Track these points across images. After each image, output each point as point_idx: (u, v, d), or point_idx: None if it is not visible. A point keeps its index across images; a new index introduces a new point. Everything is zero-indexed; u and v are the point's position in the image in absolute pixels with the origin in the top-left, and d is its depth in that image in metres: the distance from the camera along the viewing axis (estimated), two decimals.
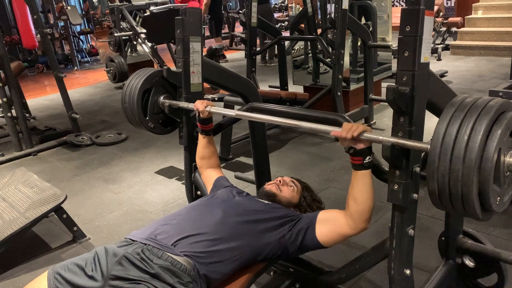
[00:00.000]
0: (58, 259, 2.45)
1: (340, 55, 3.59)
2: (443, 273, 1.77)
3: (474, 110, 1.06)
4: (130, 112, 2.02)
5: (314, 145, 3.82)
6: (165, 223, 1.57)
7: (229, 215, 1.58)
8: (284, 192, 1.76)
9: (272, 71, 6.83)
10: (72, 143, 4.30)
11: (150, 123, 2.05)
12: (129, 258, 1.40)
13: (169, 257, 1.41)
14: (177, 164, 3.68)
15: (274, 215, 1.61)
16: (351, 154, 1.42)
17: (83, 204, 3.09)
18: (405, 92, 1.24)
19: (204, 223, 1.54)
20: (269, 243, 1.54)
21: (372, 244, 2.27)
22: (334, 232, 1.54)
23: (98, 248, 1.49)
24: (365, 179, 1.44)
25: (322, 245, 1.57)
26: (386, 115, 4.40)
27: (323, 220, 1.58)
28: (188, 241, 1.47)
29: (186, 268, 1.41)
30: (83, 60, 10.28)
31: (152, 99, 2.03)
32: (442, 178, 1.07)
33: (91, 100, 6.42)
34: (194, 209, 1.65)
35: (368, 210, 1.47)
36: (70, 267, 1.42)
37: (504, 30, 6.54)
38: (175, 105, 1.99)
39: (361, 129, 1.35)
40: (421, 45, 1.25)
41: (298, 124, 1.54)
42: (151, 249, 1.44)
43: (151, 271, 1.37)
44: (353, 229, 1.49)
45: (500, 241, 2.23)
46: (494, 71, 5.69)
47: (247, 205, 1.66)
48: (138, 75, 2.02)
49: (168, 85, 2.08)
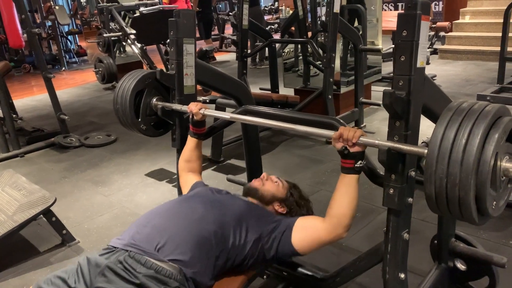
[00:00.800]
0: (46, 263, 2.41)
1: (332, 59, 3.60)
2: (435, 276, 1.78)
3: (472, 114, 1.07)
4: (122, 113, 1.99)
5: (305, 147, 3.83)
6: (144, 224, 1.52)
7: (210, 213, 1.54)
8: (267, 185, 1.73)
9: (262, 73, 6.83)
10: (61, 144, 4.25)
11: (142, 125, 2.03)
12: (112, 269, 1.37)
13: (153, 264, 1.38)
14: (167, 167, 3.65)
15: (255, 213, 1.59)
16: (343, 156, 1.41)
17: (72, 207, 3.05)
18: (401, 96, 1.25)
19: (184, 222, 1.50)
20: (249, 241, 1.51)
21: (364, 247, 2.30)
22: (310, 237, 1.52)
23: (80, 259, 1.46)
24: (352, 184, 1.43)
25: (297, 251, 1.54)
26: (376, 118, 4.43)
27: (300, 225, 1.55)
28: (171, 244, 1.43)
29: (172, 273, 1.38)
30: (71, 61, 10.16)
31: (144, 101, 2.02)
32: (439, 181, 1.07)
33: (80, 101, 6.35)
34: (173, 208, 1.60)
35: (349, 216, 1.45)
36: (53, 280, 1.39)
37: (491, 35, 6.63)
38: (168, 107, 1.97)
39: (359, 133, 1.35)
40: (418, 50, 1.25)
41: (293, 128, 1.54)
42: (133, 256, 1.40)
43: (135, 281, 1.34)
44: (329, 233, 1.47)
45: (490, 244, 2.25)
46: (481, 75, 5.76)
47: (226, 202, 1.63)
48: (131, 76, 2.00)
49: (161, 87, 2.06)
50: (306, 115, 1.66)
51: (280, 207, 1.70)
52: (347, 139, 1.36)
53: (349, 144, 1.37)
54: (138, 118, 2.02)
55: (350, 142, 1.36)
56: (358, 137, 1.35)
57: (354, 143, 1.36)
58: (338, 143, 1.39)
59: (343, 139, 1.37)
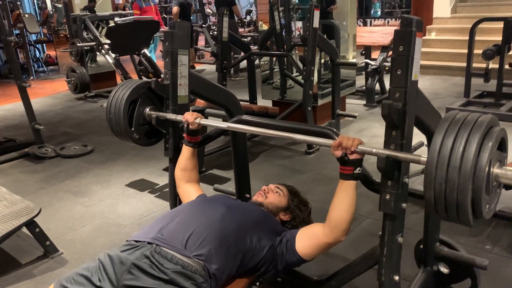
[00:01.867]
0: (30, 275, 2.35)
1: (311, 71, 3.71)
2: (422, 280, 1.87)
3: (467, 124, 1.16)
4: (115, 122, 2.00)
5: (285, 158, 3.90)
6: (168, 221, 1.57)
7: (231, 213, 1.61)
8: (270, 198, 1.82)
9: (238, 84, 6.90)
10: (35, 155, 4.15)
11: (135, 134, 2.04)
12: (139, 266, 1.39)
13: (179, 260, 1.42)
14: (148, 177, 3.63)
15: (270, 222, 1.67)
16: (343, 164, 1.48)
17: (53, 218, 2.98)
18: (398, 107, 1.33)
19: (207, 220, 1.56)
20: (264, 246, 1.59)
21: (350, 253, 2.38)
22: (312, 243, 1.60)
23: (100, 255, 1.47)
24: (350, 190, 1.50)
25: (302, 258, 1.62)
26: (351, 129, 4.56)
27: (303, 233, 1.64)
28: (197, 241, 1.48)
29: (197, 269, 1.42)
30: (39, 70, 9.92)
31: (138, 110, 2.02)
32: (439, 186, 1.15)
33: (52, 111, 6.21)
34: (196, 208, 1.66)
35: (347, 221, 1.53)
36: (76, 278, 1.39)
37: (455, 52, 6.97)
38: (162, 117, 1.99)
39: (358, 142, 1.42)
40: (413, 64, 1.34)
41: (291, 137, 1.60)
42: (160, 251, 1.43)
43: (164, 278, 1.37)
44: (329, 238, 1.55)
45: (468, 249, 2.36)
46: (448, 89, 6.04)
47: (246, 207, 1.71)
48: (125, 85, 2.01)
49: (154, 96, 2.08)
50: (302, 125, 1.72)
51: (285, 216, 1.79)
52: (346, 147, 1.43)
53: (348, 152, 1.44)
54: (131, 127, 2.02)
55: (349, 150, 1.43)
56: (357, 145, 1.43)
57: (353, 151, 1.43)
58: (337, 151, 1.46)
59: (343, 147, 1.44)
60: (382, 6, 11.40)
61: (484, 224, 2.58)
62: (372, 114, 5.10)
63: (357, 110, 5.15)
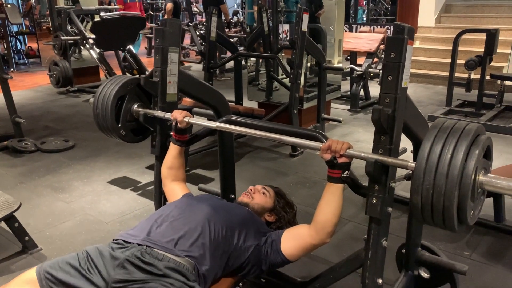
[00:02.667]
0: (7, 271, 2.30)
1: (298, 75, 3.73)
2: (403, 284, 1.89)
3: (455, 132, 1.19)
4: (102, 118, 1.97)
5: (270, 160, 3.91)
6: (157, 223, 1.56)
7: (218, 214, 1.61)
8: (256, 199, 1.82)
9: (223, 85, 6.88)
10: (15, 148, 4.05)
11: (121, 131, 2.02)
12: (132, 262, 1.38)
13: (171, 259, 1.42)
14: (130, 175, 3.59)
15: (255, 222, 1.67)
16: (331, 167, 1.50)
17: (31, 213, 2.92)
18: (388, 113, 1.35)
19: (197, 221, 1.56)
20: (249, 246, 1.59)
21: (332, 256, 2.39)
22: (297, 244, 1.61)
23: (88, 248, 1.45)
24: (337, 193, 1.52)
25: (287, 258, 1.63)
26: (335, 133, 4.60)
27: (288, 234, 1.65)
28: (187, 241, 1.48)
29: (189, 268, 1.43)
30: (20, 62, 9.71)
31: (125, 107, 2.01)
32: (426, 192, 1.17)
33: (32, 104, 6.09)
34: (184, 209, 1.65)
35: (333, 223, 1.55)
36: (62, 266, 1.37)
37: (438, 61, 7.10)
38: (150, 114, 1.98)
39: (346, 145, 1.44)
40: (403, 71, 1.37)
41: (281, 139, 1.61)
42: (150, 252, 1.43)
43: (158, 273, 1.37)
44: (314, 239, 1.57)
45: (447, 254, 2.41)
46: (430, 97, 6.15)
47: (232, 208, 1.72)
48: (113, 81, 1.99)
49: (142, 93, 2.06)
50: (291, 127, 1.73)
51: (270, 216, 1.80)
52: (335, 150, 1.45)
53: (337, 155, 1.45)
54: (118, 124, 2.00)
55: (338, 154, 1.45)
56: (346, 149, 1.44)
57: (342, 155, 1.44)
58: (326, 154, 1.47)
59: (332, 150, 1.45)
60: (368, 13, 11.53)
61: (463, 231, 2.63)
62: (356, 119, 5.16)
63: (342, 115, 5.20)
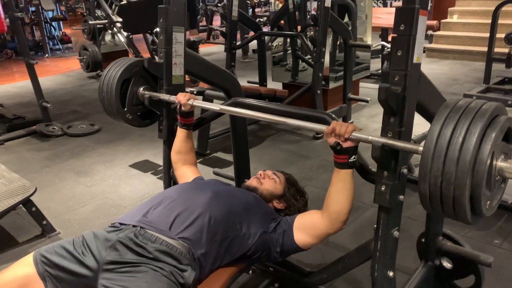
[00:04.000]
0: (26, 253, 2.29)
1: (321, 53, 3.57)
2: (422, 274, 1.78)
3: (469, 113, 1.05)
4: (107, 102, 1.93)
5: (292, 143, 3.80)
6: (154, 205, 1.53)
7: (220, 198, 1.55)
8: (265, 184, 1.74)
9: (249, 66, 6.78)
10: (42, 133, 4.14)
11: (128, 115, 1.97)
12: (124, 243, 1.36)
13: (163, 241, 1.38)
14: (152, 158, 3.59)
15: (261, 208, 1.60)
16: (336, 152, 1.38)
17: (53, 197, 2.97)
18: (396, 92, 1.22)
19: (194, 204, 1.51)
20: (254, 234, 1.52)
21: (350, 244, 2.29)
22: (311, 234, 1.53)
23: (84, 233, 1.44)
24: (347, 179, 1.41)
25: (301, 247, 1.55)
26: (363, 114, 4.42)
27: (300, 222, 1.56)
28: (182, 223, 1.44)
29: (182, 251, 1.38)
30: (55, 48, 9.93)
31: (131, 90, 1.95)
32: (434, 179, 1.05)
33: (63, 89, 6.21)
34: (184, 191, 1.60)
35: (347, 211, 1.45)
36: (57, 250, 1.36)
37: (478, 36, 6.69)
38: (156, 97, 1.92)
39: (351, 128, 1.32)
40: (415, 45, 1.23)
41: (284, 121, 1.51)
42: (144, 234, 1.40)
43: (149, 256, 1.34)
44: (329, 229, 1.48)
45: (475, 243, 2.26)
46: (468, 75, 5.81)
47: (236, 193, 1.65)
48: (118, 64, 1.94)
49: (149, 76, 2.00)
50: (297, 109, 1.62)
51: (278, 204, 1.72)
52: (339, 134, 1.34)
53: (341, 140, 1.34)
54: (124, 108, 1.95)
55: (342, 138, 1.34)
56: (351, 132, 1.33)
57: (347, 138, 1.33)
58: (331, 138, 1.36)
59: (335, 134, 1.34)
60: None
61: (494, 218, 2.46)
62: None
63: (371, 94, 4.99)
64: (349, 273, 1.70)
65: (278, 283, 1.81)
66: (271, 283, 1.83)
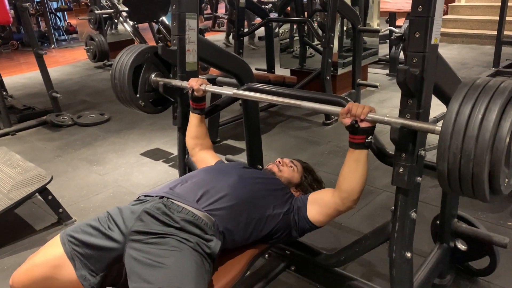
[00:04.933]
0: (43, 241, 2.37)
1: (331, 39, 3.56)
2: (437, 256, 1.79)
3: (488, 90, 1.05)
4: (120, 88, 1.94)
5: (302, 129, 3.81)
6: (182, 182, 1.55)
7: (244, 179, 1.57)
8: (284, 172, 1.75)
9: (257, 53, 6.76)
10: (53, 123, 4.17)
11: (140, 101, 1.98)
12: (150, 213, 1.37)
13: (189, 212, 1.40)
14: (163, 146, 3.61)
15: (282, 190, 1.62)
16: (353, 132, 1.39)
17: (67, 186, 3.00)
18: (415, 73, 1.22)
19: (221, 183, 1.53)
20: (278, 214, 1.54)
21: (363, 227, 2.31)
22: (323, 211, 1.54)
23: (110, 209, 1.45)
24: (362, 159, 1.41)
25: (314, 224, 1.57)
26: (372, 100, 4.41)
27: (313, 200, 1.58)
28: (209, 198, 1.46)
29: (207, 223, 1.40)
30: (60, 38, 9.95)
31: (143, 76, 1.96)
32: (453, 157, 1.05)
33: (71, 79, 6.23)
34: (208, 172, 1.63)
35: (359, 190, 1.45)
36: (83, 228, 1.38)
37: (486, 19, 6.62)
38: (168, 84, 1.93)
39: (368, 109, 1.33)
40: (433, 26, 1.22)
41: (300, 104, 1.51)
42: (170, 205, 1.41)
43: (175, 225, 1.35)
44: (340, 206, 1.49)
45: (488, 225, 2.27)
46: (476, 59, 5.76)
47: (259, 174, 1.67)
48: (129, 50, 1.94)
49: (160, 62, 2.00)
50: (312, 93, 1.63)
51: (296, 192, 1.74)
52: (355, 114, 1.34)
53: (358, 120, 1.35)
54: (137, 94, 1.96)
55: (359, 118, 1.34)
56: (367, 113, 1.33)
57: (363, 119, 1.34)
58: (346, 118, 1.37)
59: (351, 114, 1.35)
60: None
61: (507, 200, 2.46)
62: (394, 84, 4.90)
63: (380, 79, 4.98)
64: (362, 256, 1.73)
65: (294, 266, 1.83)
66: (287, 266, 1.85)
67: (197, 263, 1.29)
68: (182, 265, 1.26)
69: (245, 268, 1.52)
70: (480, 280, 1.90)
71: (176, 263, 1.26)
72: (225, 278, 1.44)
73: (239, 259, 1.50)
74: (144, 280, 1.20)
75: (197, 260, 1.30)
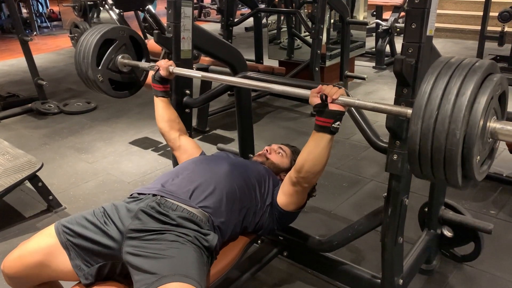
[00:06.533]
0: (33, 228, 2.37)
1: (320, 30, 3.59)
2: (425, 242, 1.85)
3: (461, 69, 1.01)
4: (83, 55, 1.89)
5: (291, 119, 3.84)
6: (174, 177, 1.54)
7: (236, 170, 1.58)
8: (272, 158, 1.76)
9: (244, 44, 6.75)
10: (39, 110, 4.12)
11: (99, 75, 1.93)
12: (146, 212, 1.37)
13: (184, 209, 1.41)
14: (151, 135, 3.60)
15: (271, 180, 1.64)
16: (320, 114, 1.33)
17: (55, 174, 2.98)
18: (411, 63, 1.26)
19: (214, 176, 1.53)
20: (266, 205, 1.57)
21: (352, 215, 2.37)
22: (284, 191, 1.56)
23: (104, 204, 1.45)
24: (322, 143, 1.36)
25: (283, 209, 1.56)
26: (359, 92, 4.47)
27: (281, 186, 1.59)
28: (200, 194, 1.46)
29: (202, 219, 1.41)
30: (42, 25, 9.75)
31: (110, 53, 1.93)
32: (424, 140, 1.01)
33: (55, 67, 6.13)
34: (200, 164, 1.62)
35: (318, 175, 1.44)
36: (79, 221, 1.37)
37: (469, 14, 6.74)
38: (135, 66, 1.93)
39: (341, 92, 1.31)
40: (429, 18, 1.26)
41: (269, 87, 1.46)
42: (164, 202, 1.41)
43: (172, 223, 1.36)
44: (295, 185, 1.49)
45: (472, 213, 2.33)
46: (460, 53, 5.88)
47: (248, 165, 1.68)
48: (107, 25, 1.93)
49: (133, 48, 2.00)
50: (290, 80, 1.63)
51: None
52: (327, 93, 1.31)
53: (329, 100, 1.31)
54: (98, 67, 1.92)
55: (330, 98, 1.31)
56: (339, 94, 1.30)
57: (334, 99, 1.30)
58: (316, 97, 1.32)
59: (322, 91, 1.32)
60: None
61: (490, 190, 2.55)
62: (381, 76, 4.99)
63: (366, 72, 5.04)
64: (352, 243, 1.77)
65: (287, 252, 1.87)
66: (280, 251, 1.89)
67: (197, 254, 1.31)
68: (184, 255, 1.28)
69: (240, 254, 1.56)
70: (464, 265, 1.97)
71: (178, 253, 1.28)
72: (221, 263, 1.47)
73: (234, 245, 1.53)
74: (148, 272, 1.22)
75: (197, 252, 1.32)
